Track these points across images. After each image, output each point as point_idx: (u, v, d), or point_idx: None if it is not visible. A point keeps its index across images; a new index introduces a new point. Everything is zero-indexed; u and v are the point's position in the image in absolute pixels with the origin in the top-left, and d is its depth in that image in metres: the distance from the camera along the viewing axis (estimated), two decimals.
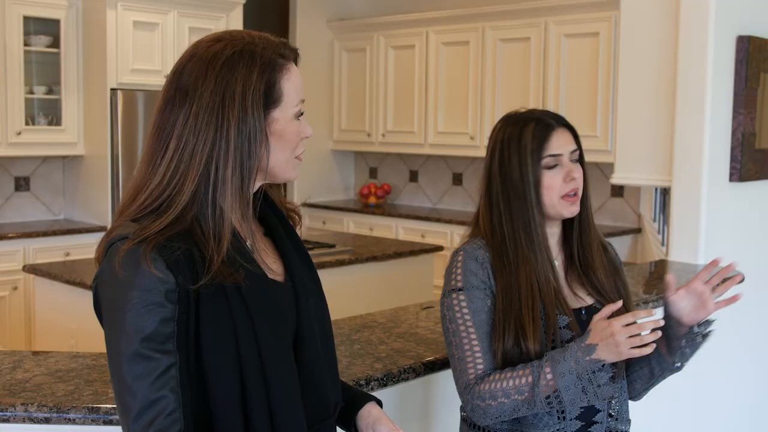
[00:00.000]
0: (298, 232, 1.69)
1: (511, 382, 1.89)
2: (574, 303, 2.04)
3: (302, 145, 1.56)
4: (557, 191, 2.00)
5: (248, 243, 1.51)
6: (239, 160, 1.45)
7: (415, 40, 7.21)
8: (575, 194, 2.01)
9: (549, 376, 1.85)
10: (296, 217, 1.71)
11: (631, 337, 1.78)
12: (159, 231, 1.41)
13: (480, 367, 1.95)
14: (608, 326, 1.81)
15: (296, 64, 1.56)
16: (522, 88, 6.51)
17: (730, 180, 4.05)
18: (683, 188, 3.97)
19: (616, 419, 2.04)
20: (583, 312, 2.03)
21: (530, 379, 1.87)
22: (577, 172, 2.02)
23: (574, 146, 2.02)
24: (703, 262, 3.92)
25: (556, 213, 2.02)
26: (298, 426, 1.50)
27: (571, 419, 1.98)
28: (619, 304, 1.85)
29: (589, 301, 2.06)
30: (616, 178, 4.35)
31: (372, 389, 2.19)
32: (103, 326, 1.46)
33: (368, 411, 1.72)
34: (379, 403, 1.77)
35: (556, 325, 1.96)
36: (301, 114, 1.54)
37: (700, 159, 3.91)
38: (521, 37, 6.51)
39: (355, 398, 1.75)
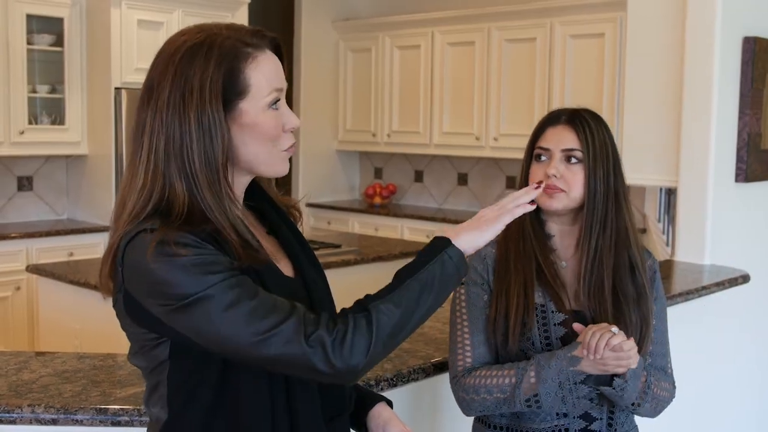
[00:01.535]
0: (300, 229, 1.67)
1: (495, 380, 1.94)
2: (575, 303, 2.01)
3: (287, 138, 1.50)
4: None
5: (253, 240, 1.48)
6: (204, 155, 1.41)
7: (420, 41, 7.19)
8: (554, 188, 1.98)
9: (533, 380, 1.90)
10: (296, 213, 1.69)
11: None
12: (179, 225, 1.38)
13: (468, 360, 2.00)
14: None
15: (279, 52, 1.51)
16: (527, 89, 6.50)
17: (736, 180, 4.04)
18: (689, 189, 3.97)
19: (615, 430, 2.03)
20: (578, 314, 2.00)
21: (513, 380, 1.92)
22: (566, 172, 1.97)
23: (571, 146, 1.98)
24: (709, 263, 3.91)
25: (539, 204, 2.00)
26: (317, 417, 1.51)
27: (574, 417, 1.98)
28: (617, 332, 1.87)
29: (587, 304, 2.01)
30: None
31: (382, 389, 2.18)
32: (164, 319, 1.39)
33: (378, 411, 1.72)
34: (390, 403, 1.77)
35: (550, 322, 1.97)
36: (276, 101, 1.47)
37: (707, 159, 3.90)
38: (527, 37, 6.49)
39: (365, 398, 1.75)
